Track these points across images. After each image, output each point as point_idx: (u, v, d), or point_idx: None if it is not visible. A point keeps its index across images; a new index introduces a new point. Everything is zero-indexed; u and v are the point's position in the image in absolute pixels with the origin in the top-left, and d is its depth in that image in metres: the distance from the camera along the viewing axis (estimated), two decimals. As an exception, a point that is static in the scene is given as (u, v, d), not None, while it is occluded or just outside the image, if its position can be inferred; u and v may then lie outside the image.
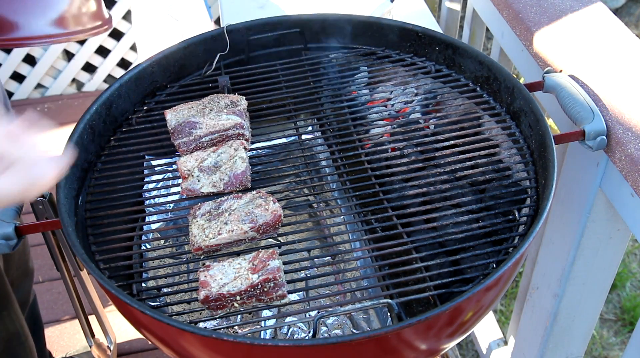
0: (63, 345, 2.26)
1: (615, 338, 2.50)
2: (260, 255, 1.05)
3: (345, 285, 1.33)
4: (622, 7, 4.17)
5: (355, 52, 1.54)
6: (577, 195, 1.44)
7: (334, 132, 1.37)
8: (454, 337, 1.10)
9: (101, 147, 1.33)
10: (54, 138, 1.03)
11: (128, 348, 2.24)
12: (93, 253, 1.13)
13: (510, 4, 1.61)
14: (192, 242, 1.09)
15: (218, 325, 1.35)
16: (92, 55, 3.38)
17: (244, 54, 1.54)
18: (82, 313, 1.65)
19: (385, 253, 1.12)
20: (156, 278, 1.24)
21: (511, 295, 2.63)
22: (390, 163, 1.29)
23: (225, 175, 1.18)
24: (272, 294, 1.02)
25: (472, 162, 1.26)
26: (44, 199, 1.24)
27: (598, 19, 1.50)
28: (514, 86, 1.31)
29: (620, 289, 2.65)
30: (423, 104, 1.41)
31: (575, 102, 1.26)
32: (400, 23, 1.51)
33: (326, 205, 1.41)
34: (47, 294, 2.43)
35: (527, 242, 1.02)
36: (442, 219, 1.16)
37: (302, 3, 1.92)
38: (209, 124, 1.25)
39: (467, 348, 2.44)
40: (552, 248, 1.60)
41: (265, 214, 1.09)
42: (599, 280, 1.53)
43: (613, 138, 1.23)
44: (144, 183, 1.30)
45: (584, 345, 1.69)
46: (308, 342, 0.96)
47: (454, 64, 1.45)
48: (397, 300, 1.05)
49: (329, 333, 1.45)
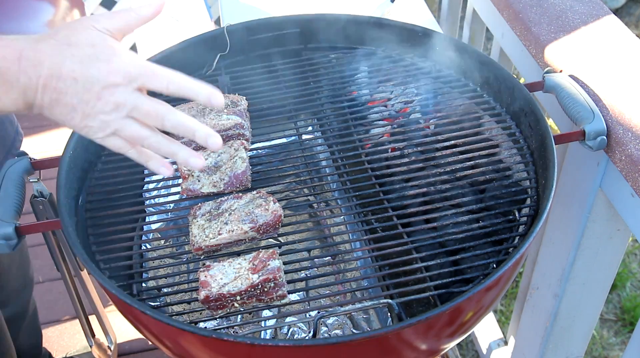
0: (63, 345, 2.26)
1: (616, 338, 2.50)
2: (261, 255, 1.05)
3: (345, 285, 1.33)
4: (622, 7, 4.17)
5: (355, 52, 1.54)
6: (577, 195, 1.44)
7: (334, 132, 1.37)
8: (454, 337, 1.10)
9: (101, 147, 1.32)
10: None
11: (128, 348, 2.24)
12: (93, 253, 1.13)
13: (510, 4, 1.61)
14: (192, 242, 1.09)
15: (218, 325, 1.35)
16: (92, 55, 3.37)
17: (244, 54, 1.54)
18: (82, 313, 1.65)
19: (385, 253, 1.12)
20: (156, 278, 1.24)
21: (511, 295, 2.63)
22: (391, 163, 1.29)
23: (226, 175, 1.19)
24: (273, 294, 1.02)
25: (472, 162, 1.26)
26: (44, 199, 1.24)
27: (598, 19, 1.50)
28: (514, 86, 1.31)
29: (621, 289, 2.65)
30: (423, 104, 1.41)
31: (575, 102, 1.26)
32: (400, 23, 1.51)
33: (326, 205, 1.41)
34: (47, 294, 2.42)
35: (527, 242, 1.02)
36: (442, 219, 1.16)
37: (302, 3, 1.92)
38: (209, 124, 1.25)
39: (467, 348, 2.44)
40: (552, 248, 1.60)
41: (265, 214, 1.09)
42: (599, 280, 1.53)
43: (613, 138, 1.23)
44: (144, 183, 1.30)
45: (584, 345, 1.69)
46: (308, 342, 0.96)
47: (454, 64, 1.45)
48: (397, 300, 1.05)
49: (329, 333, 1.45)
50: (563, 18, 1.51)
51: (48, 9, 1.28)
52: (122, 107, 0.84)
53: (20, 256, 1.79)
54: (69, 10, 1.32)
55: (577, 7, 1.54)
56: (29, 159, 1.22)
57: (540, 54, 1.47)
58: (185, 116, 0.87)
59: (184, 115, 0.87)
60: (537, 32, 1.49)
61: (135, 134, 0.86)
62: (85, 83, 0.82)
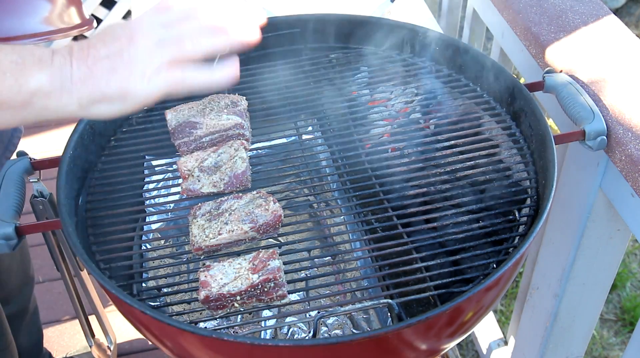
0: (63, 345, 2.26)
1: (616, 338, 2.50)
2: (261, 255, 1.05)
3: (345, 285, 1.33)
4: (622, 7, 4.17)
5: (355, 52, 1.54)
6: (577, 195, 1.44)
7: (334, 132, 1.37)
8: (454, 337, 1.10)
9: (101, 147, 1.33)
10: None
11: (128, 348, 2.24)
12: (93, 253, 1.13)
13: (510, 4, 1.61)
14: (193, 242, 1.09)
15: (218, 325, 1.35)
16: (92, 55, 3.37)
17: (244, 54, 1.53)
18: (82, 313, 1.65)
19: (385, 253, 1.12)
20: (156, 278, 1.24)
21: (511, 295, 2.63)
22: (391, 163, 1.29)
23: (226, 175, 1.18)
24: (273, 294, 1.02)
25: (472, 162, 1.26)
26: (44, 199, 1.24)
27: (598, 19, 1.50)
28: (514, 86, 1.31)
29: (621, 289, 2.65)
30: (423, 104, 1.41)
31: (575, 102, 1.26)
32: (400, 23, 1.51)
33: (326, 205, 1.41)
34: (47, 294, 2.43)
35: (528, 242, 1.02)
36: (442, 219, 1.16)
37: (302, 3, 1.92)
38: (209, 124, 1.25)
39: (467, 348, 2.44)
40: (552, 248, 1.60)
41: (265, 215, 1.09)
42: (599, 280, 1.53)
43: (613, 138, 1.23)
44: (144, 183, 1.30)
45: (584, 345, 1.69)
46: (308, 342, 0.96)
47: (454, 64, 1.45)
48: (397, 300, 1.05)
49: (329, 333, 1.45)
50: (563, 18, 1.51)
51: (45, 6, 1.28)
52: (157, 36, 0.82)
53: (20, 254, 1.79)
54: (66, 7, 1.32)
55: (577, 7, 1.54)
56: (29, 159, 1.22)
57: (540, 54, 1.47)
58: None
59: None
60: (537, 32, 1.49)
61: (178, 40, 0.83)
62: (112, 35, 0.81)
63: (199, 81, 0.86)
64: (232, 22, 0.87)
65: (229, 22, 0.87)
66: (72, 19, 1.33)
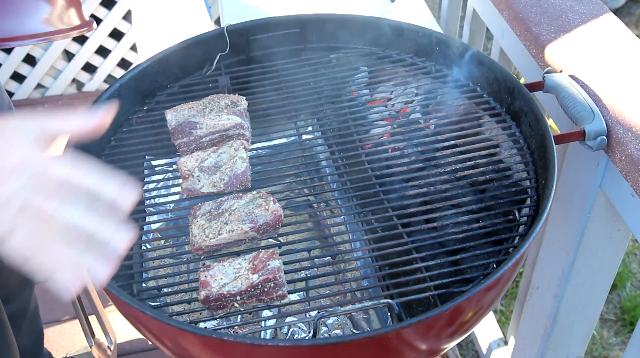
0: (63, 345, 2.26)
1: (616, 338, 2.50)
2: (261, 255, 1.05)
3: (345, 285, 1.33)
4: (622, 7, 4.17)
5: (355, 52, 1.54)
6: (577, 195, 1.44)
7: (334, 132, 1.37)
8: (454, 337, 1.10)
9: (101, 147, 1.33)
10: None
11: (128, 348, 2.24)
12: (93, 253, 1.13)
13: (510, 4, 1.61)
14: (193, 242, 1.09)
15: (218, 325, 1.35)
16: (92, 55, 3.37)
17: (244, 54, 1.54)
18: (82, 313, 1.65)
19: (385, 253, 1.12)
20: (156, 278, 1.24)
21: (511, 295, 2.63)
22: (391, 163, 1.29)
23: (226, 175, 1.18)
24: (273, 294, 1.02)
25: (472, 162, 1.26)
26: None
27: (598, 19, 1.50)
28: (514, 86, 1.31)
29: (621, 289, 2.65)
30: (423, 104, 1.41)
31: (575, 102, 1.26)
32: (400, 23, 1.51)
33: (326, 205, 1.41)
34: (47, 294, 2.42)
35: (528, 242, 1.02)
36: (442, 219, 1.16)
37: (302, 3, 1.92)
38: (209, 124, 1.25)
39: (467, 348, 2.44)
40: (552, 248, 1.60)
41: (265, 215, 1.09)
42: (599, 280, 1.53)
43: (613, 138, 1.23)
44: (144, 183, 1.30)
45: (584, 345, 1.69)
46: (308, 342, 0.96)
47: (454, 64, 1.45)
48: (397, 300, 1.05)
49: (329, 333, 1.45)
50: (563, 18, 1.51)
51: (44, 7, 1.28)
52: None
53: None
54: (66, 9, 1.32)
55: (577, 7, 1.54)
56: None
57: (540, 54, 1.47)
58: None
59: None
60: (537, 32, 1.49)
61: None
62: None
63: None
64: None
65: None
66: (72, 20, 1.33)
